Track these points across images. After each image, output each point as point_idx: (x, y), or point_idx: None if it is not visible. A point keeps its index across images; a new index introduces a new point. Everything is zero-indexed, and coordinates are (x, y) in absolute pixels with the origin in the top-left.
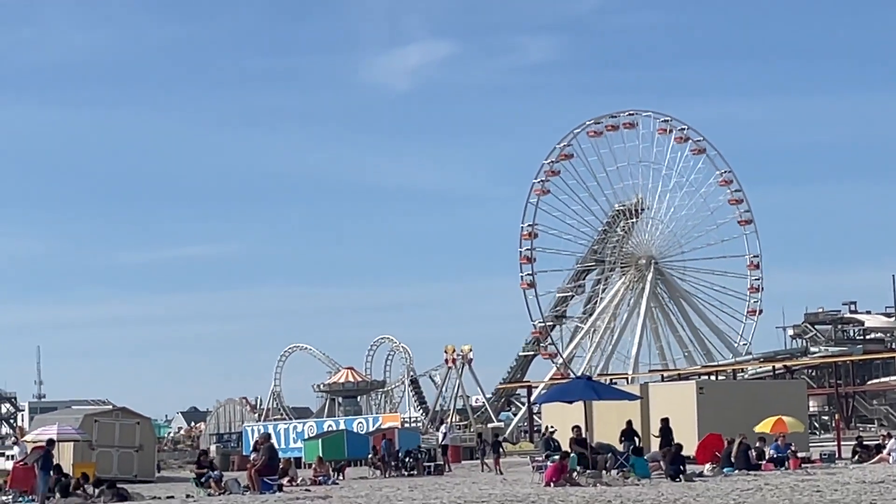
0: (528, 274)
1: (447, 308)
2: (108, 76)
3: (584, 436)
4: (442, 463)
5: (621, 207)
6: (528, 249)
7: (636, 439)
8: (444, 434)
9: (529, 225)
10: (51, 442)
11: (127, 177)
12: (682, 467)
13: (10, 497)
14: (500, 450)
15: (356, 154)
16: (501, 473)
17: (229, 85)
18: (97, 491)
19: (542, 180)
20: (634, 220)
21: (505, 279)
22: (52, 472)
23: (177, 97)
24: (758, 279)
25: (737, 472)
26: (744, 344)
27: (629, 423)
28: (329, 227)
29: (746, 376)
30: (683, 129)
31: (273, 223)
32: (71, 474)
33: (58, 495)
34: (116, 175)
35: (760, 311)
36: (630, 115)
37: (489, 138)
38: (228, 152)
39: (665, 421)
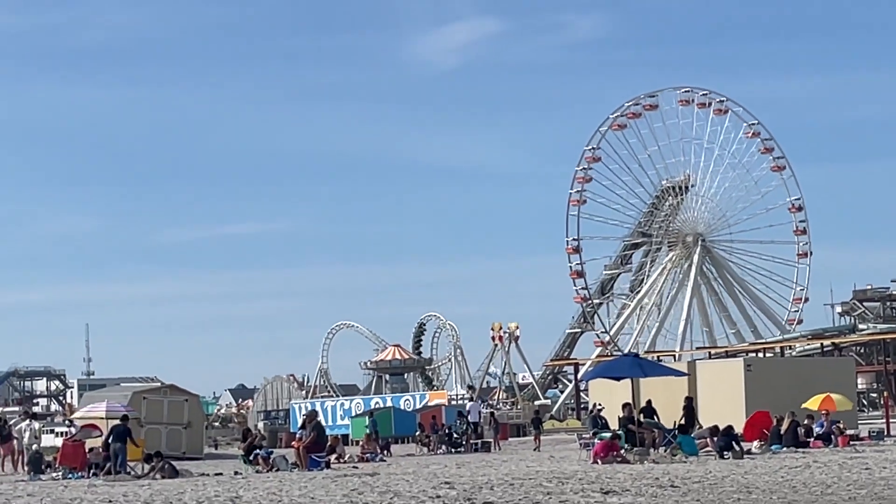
0: (578, 263)
1: (494, 285)
2: (154, 55)
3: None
4: (489, 440)
5: (668, 185)
6: (574, 239)
7: (655, 417)
8: (470, 412)
9: (574, 239)
10: (125, 417)
11: (175, 155)
12: (734, 443)
13: (60, 474)
14: (540, 426)
15: (403, 131)
16: (539, 450)
17: (276, 63)
18: (151, 466)
19: (578, 190)
20: (681, 197)
21: (551, 257)
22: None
23: (224, 75)
24: (803, 221)
25: (785, 449)
26: (801, 289)
27: (648, 402)
28: (375, 205)
29: (794, 354)
30: (705, 94)
31: (320, 201)
32: None
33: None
34: (164, 153)
35: (811, 253)
36: (650, 96)
37: (536, 115)
38: (275, 130)
39: (689, 400)
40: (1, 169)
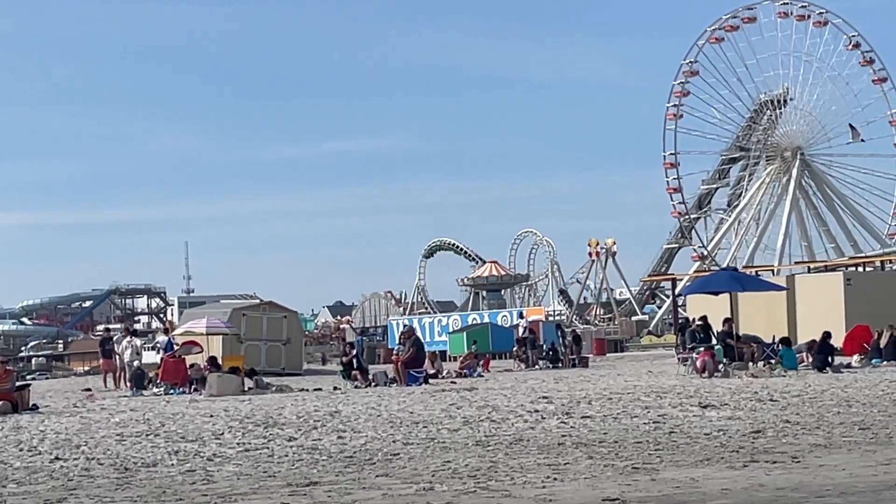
0: (675, 178)
1: (591, 201)
2: None
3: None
4: (587, 356)
5: (766, 98)
6: (671, 154)
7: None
8: (524, 328)
9: (672, 153)
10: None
11: (277, 72)
12: (830, 358)
13: (162, 389)
14: (581, 344)
15: (504, 46)
16: (575, 366)
17: None
18: (254, 380)
19: (675, 104)
20: (780, 110)
21: (648, 171)
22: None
23: None
24: None
25: (885, 363)
26: None
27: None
28: (472, 121)
29: (895, 267)
30: (804, 6)
31: (417, 117)
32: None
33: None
34: (267, 70)
35: None
36: (748, 9)
37: (634, 29)
38: (379, 46)
39: (704, 318)
40: (109, 87)
